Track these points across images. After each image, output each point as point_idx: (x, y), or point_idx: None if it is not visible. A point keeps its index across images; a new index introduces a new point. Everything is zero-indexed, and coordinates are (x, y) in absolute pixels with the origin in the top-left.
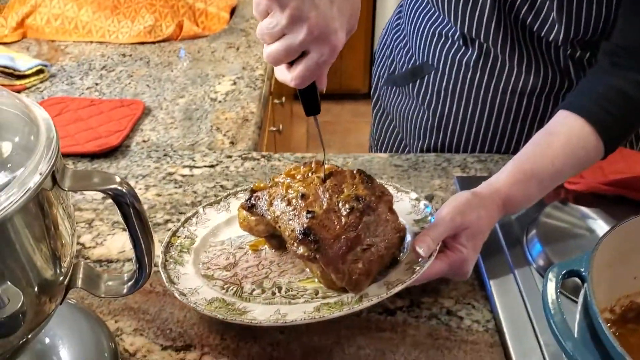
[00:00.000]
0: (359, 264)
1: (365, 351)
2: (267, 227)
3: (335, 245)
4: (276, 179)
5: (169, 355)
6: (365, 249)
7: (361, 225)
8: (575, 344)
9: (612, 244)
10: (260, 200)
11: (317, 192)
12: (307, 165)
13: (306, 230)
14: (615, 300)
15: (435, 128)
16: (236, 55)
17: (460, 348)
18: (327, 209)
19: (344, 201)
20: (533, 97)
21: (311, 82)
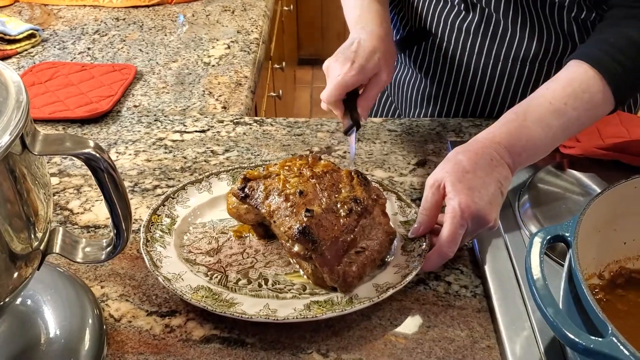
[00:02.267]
0: (353, 267)
1: (352, 316)
2: (257, 217)
3: (332, 246)
4: (270, 168)
5: (154, 321)
6: (359, 252)
7: (358, 228)
8: (556, 311)
9: (601, 208)
10: (255, 192)
11: (315, 190)
12: (303, 159)
13: (304, 229)
14: (604, 266)
15: (433, 97)
16: (231, 18)
17: (447, 313)
18: (326, 209)
19: (342, 202)
20: (535, 63)
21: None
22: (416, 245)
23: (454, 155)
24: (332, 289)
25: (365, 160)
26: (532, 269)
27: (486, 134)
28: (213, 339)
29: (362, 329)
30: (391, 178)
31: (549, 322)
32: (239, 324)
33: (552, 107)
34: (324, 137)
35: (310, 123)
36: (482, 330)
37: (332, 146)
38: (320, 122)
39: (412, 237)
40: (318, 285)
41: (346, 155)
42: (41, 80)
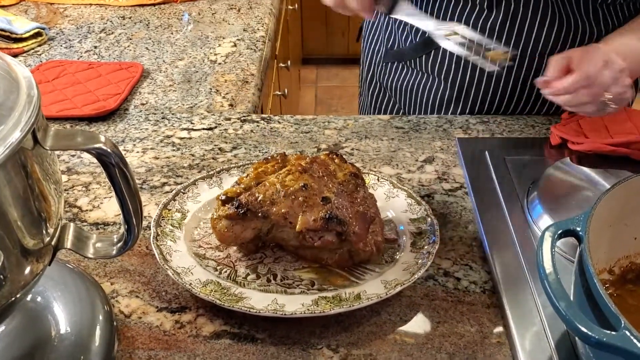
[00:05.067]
0: (378, 237)
1: (362, 312)
2: (255, 231)
3: (359, 222)
4: (244, 179)
5: (164, 317)
6: (373, 220)
7: (365, 200)
8: (568, 304)
9: (612, 203)
10: (255, 203)
11: (315, 180)
12: (272, 160)
13: (330, 216)
14: (615, 261)
15: (455, 99)
16: (237, 16)
17: (456, 309)
18: (336, 192)
19: (344, 181)
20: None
21: None
22: (425, 242)
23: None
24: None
25: (372, 157)
26: (543, 263)
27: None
28: (223, 334)
29: (371, 324)
30: (399, 175)
31: (561, 315)
32: (248, 320)
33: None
34: (331, 134)
35: (317, 120)
36: (492, 325)
37: (339, 143)
38: (328, 120)
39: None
40: (341, 267)
41: (354, 153)
42: (48, 79)
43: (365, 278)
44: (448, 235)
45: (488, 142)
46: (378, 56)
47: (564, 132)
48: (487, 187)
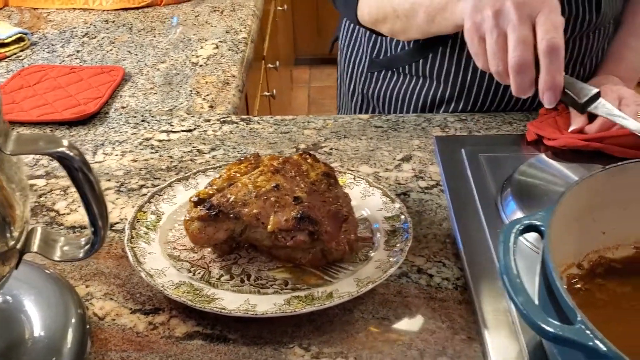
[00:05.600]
0: (351, 235)
1: (334, 311)
2: (228, 232)
3: (331, 221)
4: (216, 181)
5: (137, 318)
6: (346, 219)
7: (337, 199)
8: (526, 299)
9: (577, 198)
10: (227, 204)
11: (287, 180)
12: (245, 161)
13: (302, 215)
14: (584, 255)
15: (455, 98)
16: (220, 19)
17: (428, 305)
18: (308, 192)
19: (317, 181)
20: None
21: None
22: (398, 240)
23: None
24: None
25: (351, 156)
26: (503, 259)
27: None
28: (196, 335)
29: (343, 322)
30: (377, 173)
31: (519, 310)
32: (221, 321)
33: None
34: (310, 134)
35: (297, 120)
36: (463, 321)
37: (318, 143)
38: (307, 120)
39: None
40: (314, 267)
41: (332, 152)
42: (29, 84)
43: (339, 277)
44: (422, 232)
45: (465, 140)
46: (360, 67)
47: (540, 128)
48: (462, 184)
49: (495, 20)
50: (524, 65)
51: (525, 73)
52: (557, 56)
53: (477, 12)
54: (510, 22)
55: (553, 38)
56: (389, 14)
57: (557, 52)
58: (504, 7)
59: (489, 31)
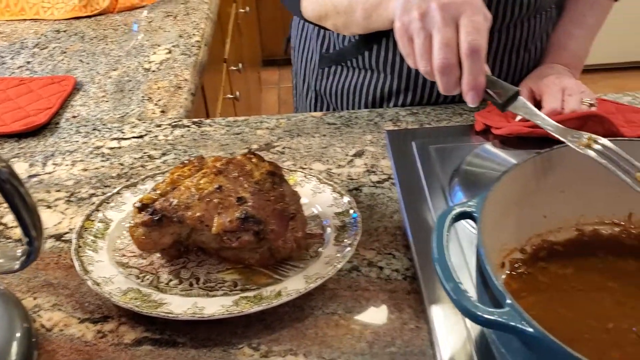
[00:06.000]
0: (298, 233)
1: (284, 309)
2: (174, 236)
3: (277, 220)
4: (160, 185)
5: (86, 328)
6: (293, 217)
7: (283, 197)
8: (455, 286)
9: (513, 183)
10: (170, 209)
11: (230, 181)
12: (189, 163)
13: (246, 215)
14: (526, 239)
15: (405, 90)
16: (173, 23)
17: (378, 297)
18: (252, 192)
19: (260, 180)
20: (510, 24)
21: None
22: (348, 235)
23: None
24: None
25: (304, 154)
26: (435, 246)
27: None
28: (144, 341)
29: (293, 320)
30: (329, 170)
31: (449, 296)
32: (170, 325)
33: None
34: (263, 134)
35: (249, 121)
36: (412, 311)
37: (271, 142)
38: (260, 120)
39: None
40: (264, 266)
41: (285, 151)
42: None
43: (289, 275)
44: (374, 226)
45: (416, 133)
46: (312, 64)
47: (487, 117)
48: (412, 176)
49: (421, 22)
50: (448, 67)
51: (449, 74)
52: (478, 57)
53: (405, 13)
54: (435, 24)
55: (474, 40)
56: (330, 11)
57: (478, 54)
58: (429, 9)
59: (416, 33)
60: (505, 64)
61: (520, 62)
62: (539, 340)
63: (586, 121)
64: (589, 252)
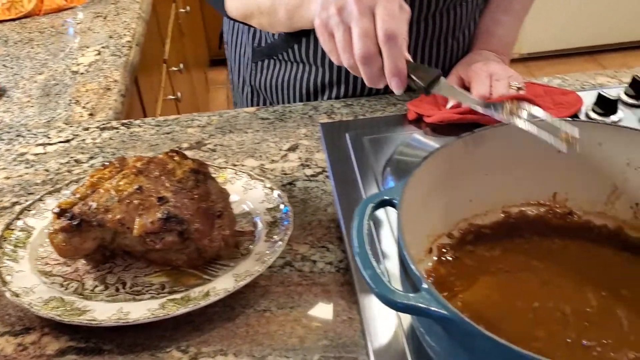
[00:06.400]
0: (226, 230)
1: (214, 309)
2: (96, 241)
3: (201, 218)
4: (80, 189)
5: (5, 341)
6: (221, 215)
7: (208, 195)
8: (373, 273)
9: (435, 168)
10: (89, 213)
11: (151, 181)
12: (110, 165)
13: (168, 215)
14: (453, 224)
15: (338, 83)
16: (103, 24)
17: (310, 291)
18: (174, 191)
19: (183, 178)
20: (443, 9)
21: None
22: (279, 231)
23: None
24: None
25: (236, 151)
26: (354, 235)
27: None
28: (69, 350)
29: (224, 320)
30: (262, 166)
31: (368, 284)
32: (96, 333)
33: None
34: (194, 132)
35: (180, 120)
36: (345, 303)
37: (202, 140)
38: (191, 118)
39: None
40: (192, 267)
41: (217, 149)
42: None
43: (219, 274)
44: (307, 220)
45: (350, 125)
46: (245, 58)
47: (418, 106)
48: (346, 168)
49: (339, 16)
50: (368, 56)
51: (371, 64)
52: (395, 43)
53: (324, 10)
54: (352, 16)
55: (390, 27)
56: (254, 11)
57: (394, 40)
58: (346, 3)
59: (335, 27)
60: (434, 53)
61: (449, 50)
62: (455, 323)
63: None
64: (515, 234)
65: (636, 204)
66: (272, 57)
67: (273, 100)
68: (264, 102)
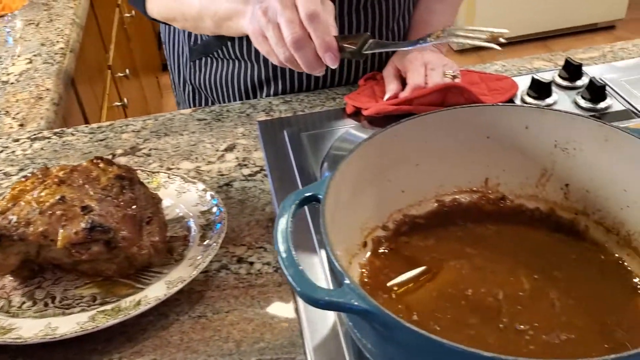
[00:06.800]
0: (155, 237)
1: (148, 318)
2: (20, 255)
3: (128, 226)
4: (2, 202)
5: None
6: (150, 221)
7: (135, 201)
8: (295, 271)
9: (365, 160)
10: (10, 227)
11: (75, 190)
12: (32, 176)
13: (93, 225)
14: (388, 216)
15: (275, 79)
16: (35, 31)
17: (247, 294)
18: (99, 199)
19: (108, 185)
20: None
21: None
22: (212, 234)
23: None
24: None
25: (171, 154)
26: (278, 233)
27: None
28: None
29: (158, 328)
30: (198, 168)
31: (289, 282)
32: (24, 351)
33: None
34: (128, 137)
35: (115, 126)
36: (282, 303)
37: (136, 145)
38: (126, 123)
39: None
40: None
41: (151, 153)
42: None
43: (152, 282)
44: (245, 220)
45: (288, 121)
46: (184, 58)
47: (355, 99)
48: (284, 165)
49: (265, 17)
50: (299, 40)
51: (303, 47)
52: (317, 20)
53: (253, 18)
54: (277, 11)
55: (308, 7)
56: (177, 16)
57: (316, 17)
58: (269, 4)
59: (265, 28)
60: None
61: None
62: (377, 317)
63: (447, 92)
64: (450, 222)
65: (566, 185)
66: (208, 55)
67: (214, 98)
68: (205, 101)
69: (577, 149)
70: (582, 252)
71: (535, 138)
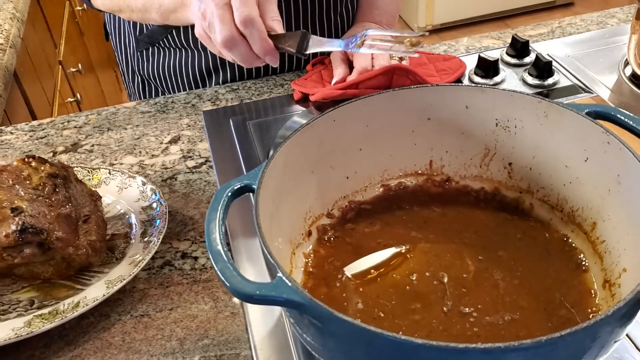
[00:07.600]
0: (92, 236)
1: (89, 320)
2: None
3: (63, 226)
4: None
5: None
6: (87, 220)
7: (69, 200)
8: (224, 266)
9: (303, 147)
10: None
11: (2, 192)
12: None
13: (24, 227)
14: (332, 203)
15: (222, 66)
16: None
17: (191, 290)
18: (30, 199)
19: (39, 184)
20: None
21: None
22: (153, 230)
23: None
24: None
25: (114, 149)
26: (207, 226)
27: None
28: None
29: (99, 330)
30: (142, 162)
31: (218, 277)
32: None
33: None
34: (70, 134)
35: (56, 122)
36: (228, 298)
37: (78, 142)
38: (67, 119)
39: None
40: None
41: (94, 149)
42: None
43: (92, 282)
44: (189, 214)
45: (234, 110)
46: (131, 48)
47: (303, 85)
48: (230, 156)
49: (204, 20)
50: (228, 41)
51: (234, 47)
52: (253, 25)
53: (197, 21)
54: (212, 13)
55: (242, 12)
56: (123, 8)
57: (251, 22)
58: (208, 5)
59: (208, 29)
60: (318, 30)
61: (333, 27)
62: (309, 309)
63: (392, 74)
64: (396, 206)
65: (509, 163)
66: (154, 45)
67: (164, 88)
68: (155, 91)
69: (518, 126)
70: (527, 230)
71: (476, 117)
